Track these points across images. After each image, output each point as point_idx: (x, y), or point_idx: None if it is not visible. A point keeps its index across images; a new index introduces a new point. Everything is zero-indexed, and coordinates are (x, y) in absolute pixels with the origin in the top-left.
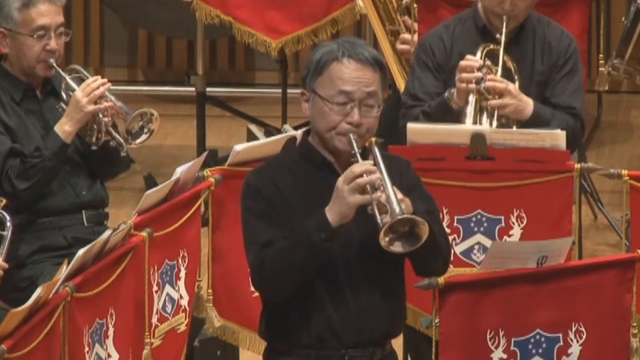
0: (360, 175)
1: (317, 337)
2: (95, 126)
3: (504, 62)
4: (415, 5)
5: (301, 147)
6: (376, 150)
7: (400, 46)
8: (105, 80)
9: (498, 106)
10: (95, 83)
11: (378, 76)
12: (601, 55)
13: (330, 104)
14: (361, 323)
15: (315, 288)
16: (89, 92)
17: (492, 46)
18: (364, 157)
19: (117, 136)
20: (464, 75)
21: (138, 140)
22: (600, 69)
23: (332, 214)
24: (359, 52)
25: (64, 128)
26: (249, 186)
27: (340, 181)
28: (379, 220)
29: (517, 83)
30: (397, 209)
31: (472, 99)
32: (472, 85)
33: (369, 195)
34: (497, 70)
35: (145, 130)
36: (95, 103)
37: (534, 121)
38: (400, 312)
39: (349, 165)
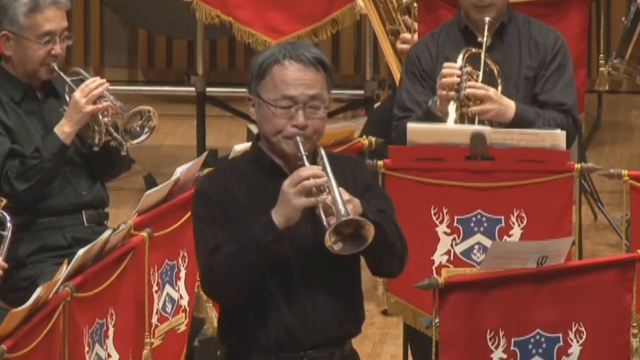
0: (307, 178)
1: (275, 340)
2: (95, 127)
3: (486, 65)
4: (415, 5)
5: (252, 151)
6: (323, 152)
7: (400, 46)
8: (104, 80)
9: (479, 112)
10: (94, 84)
11: (322, 77)
12: (601, 55)
13: (275, 107)
14: (318, 324)
15: (270, 290)
16: (87, 92)
17: (474, 50)
18: (312, 158)
19: (117, 136)
20: (442, 81)
21: (139, 139)
22: (600, 69)
23: (278, 216)
24: (300, 53)
25: (64, 129)
26: (200, 192)
27: (286, 184)
28: (324, 222)
29: (499, 86)
30: (342, 210)
31: (452, 106)
32: (452, 93)
33: (315, 198)
34: (478, 75)
35: (146, 129)
36: (94, 103)
37: (517, 123)
38: (357, 311)
39: (297, 168)
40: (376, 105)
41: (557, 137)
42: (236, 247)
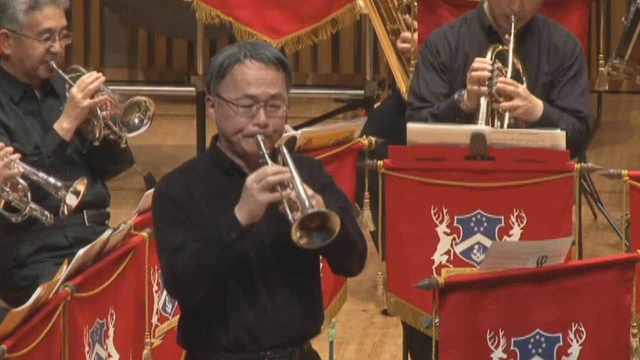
0: (271, 174)
1: (235, 340)
2: (94, 121)
3: (513, 64)
4: (415, 4)
5: (210, 152)
6: (284, 149)
7: (401, 45)
8: (100, 74)
9: (509, 108)
10: (90, 78)
11: (282, 76)
12: (601, 55)
13: (236, 106)
14: (278, 323)
15: (230, 290)
16: (83, 87)
17: (501, 47)
18: (273, 158)
19: (116, 129)
20: (473, 74)
21: (141, 131)
22: (600, 69)
23: (241, 213)
24: (261, 52)
25: (63, 125)
26: (159, 194)
27: (249, 180)
28: (290, 217)
29: (525, 84)
30: (307, 204)
31: (483, 101)
32: (484, 88)
33: (279, 193)
34: (506, 72)
35: (145, 120)
36: (92, 98)
37: (543, 122)
38: (316, 311)
39: (258, 166)
40: (376, 105)
41: (557, 137)
42: (200, 246)
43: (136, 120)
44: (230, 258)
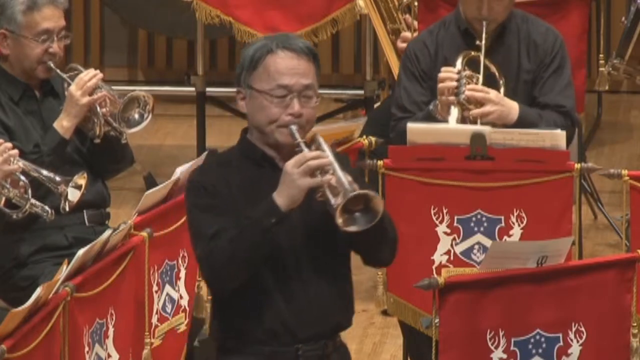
0: (312, 159)
1: (270, 332)
2: (94, 118)
3: (487, 67)
4: (416, 4)
5: (240, 144)
6: (320, 138)
7: (401, 45)
8: (98, 72)
9: (480, 115)
10: (87, 76)
11: (313, 67)
12: (601, 55)
13: (270, 97)
14: (312, 315)
15: (264, 282)
16: (82, 85)
17: (473, 53)
18: (307, 147)
19: (117, 125)
20: (440, 86)
21: (142, 125)
22: (600, 69)
23: (282, 198)
24: (293, 43)
25: (62, 123)
26: (193, 184)
27: (289, 165)
28: (332, 202)
29: (502, 88)
30: (349, 188)
31: (454, 110)
32: (452, 98)
33: (319, 178)
34: (478, 78)
35: (145, 115)
36: (90, 95)
37: (520, 125)
38: (348, 303)
39: (291, 156)
40: (376, 105)
41: (557, 137)
42: (238, 232)
43: (136, 116)
44: (269, 244)
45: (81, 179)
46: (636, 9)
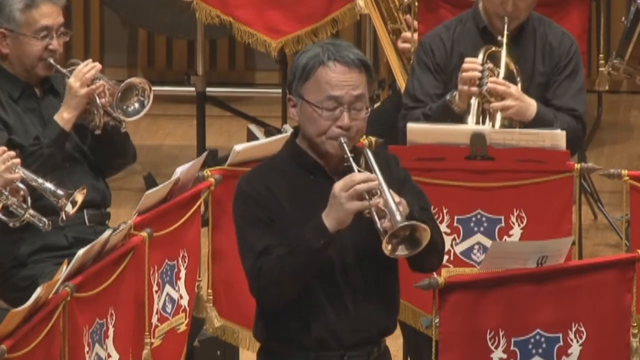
0: (359, 182)
1: (317, 340)
2: (94, 109)
3: (506, 64)
4: (416, 4)
5: (290, 150)
6: (369, 154)
7: (401, 45)
8: (96, 63)
9: (500, 109)
10: (86, 67)
11: (364, 77)
12: (601, 55)
13: (320, 109)
14: (359, 322)
15: (314, 293)
16: (80, 76)
17: (493, 48)
18: (356, 159)
19: (116, 115)
20: (464, 75)
21: (143, 112)
22: (600, 69)
23: (329, 220)
24: (345, 54)
25: (62, 115)
26: (241, 192)
27: (337, 188)
28: (378, 226)
29: (519, 85)
30: (397, 217)
31: (474, 101)
32: (474, 88)
33: (367, 202)
34: (499, 73)
35: (145, 101)
36: (89, 86)
37: (537, 122)
38: (395, 309)
39: (339, 167)
40: (376, 105)
41: (557, 137)
42: (287, 251)
43: (136, 105)
44: (317, 264)
45: (80, 195)
46: (636, 9)
